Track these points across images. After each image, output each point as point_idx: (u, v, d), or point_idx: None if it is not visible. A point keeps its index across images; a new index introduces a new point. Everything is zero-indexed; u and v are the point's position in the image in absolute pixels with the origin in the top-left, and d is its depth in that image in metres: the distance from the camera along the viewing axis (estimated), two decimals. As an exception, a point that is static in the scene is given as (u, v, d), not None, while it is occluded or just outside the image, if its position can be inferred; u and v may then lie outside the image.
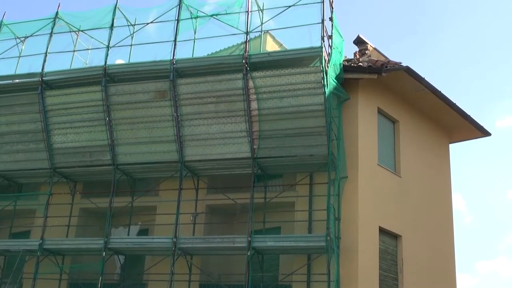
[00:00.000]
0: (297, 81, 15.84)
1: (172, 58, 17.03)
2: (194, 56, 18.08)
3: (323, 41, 15.91)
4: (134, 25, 19.14)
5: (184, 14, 17.97)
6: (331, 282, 14.80)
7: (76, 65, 19.80)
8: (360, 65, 17.34)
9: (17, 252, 18.26)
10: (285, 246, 15.76)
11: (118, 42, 18.41)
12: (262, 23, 17.59)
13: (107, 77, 17.54)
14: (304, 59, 16.31)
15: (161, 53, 17.85)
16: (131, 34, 19.04)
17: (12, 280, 18.49)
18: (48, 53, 18.73)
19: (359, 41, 19.45)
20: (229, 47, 19.46)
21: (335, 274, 14.92)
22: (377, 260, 16.31)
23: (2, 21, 19.88)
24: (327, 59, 16.03)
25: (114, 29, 18.42)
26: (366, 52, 19.07)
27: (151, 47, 18.77)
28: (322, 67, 15.60)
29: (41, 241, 17.70)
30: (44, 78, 18.26)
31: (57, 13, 19.21)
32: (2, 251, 18.90)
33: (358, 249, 15.53)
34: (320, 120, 15.87)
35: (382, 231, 16.76)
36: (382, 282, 16.35)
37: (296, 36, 17.66)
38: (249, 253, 15.39)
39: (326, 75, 15.73)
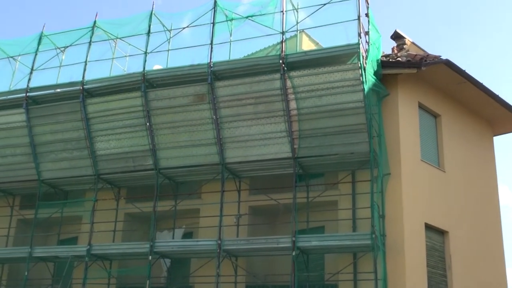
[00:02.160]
0: (335, 79, 15.74)
1: (209, 61, 17.13)
2: (230, 58, 18.11)
3: (360, 38, 15.79)
4: (171, 30, 19.29)
5: (219, 16, 18.03)
6: (378, 281, 14.68)
7: (115, 72, 20.11)
8: (398, 60, 17.12)
9: (66, 258, 18.61)
10: (329, 245, 15.68)
11: (156, 48, 18.59)
12: (297, 22, 17.55)
13: (146, 82, 17.75)
14: (341, 57, 16.20)
15: (198, 57, 18.00)
16: (168, 39, 19.19)
17: (62, 286, 18.86)
18: (88, 61, 19.02)
19: (396, 36, 19.20)
20: (265, 48, 19.50)
21: (382, 272, 14.79)
22: (424, 257, 16.09)
23: (42, 32, 20.25)
24: (364, 56, 15.89)
25: (151, 35, 18.60)
26: (404, 46, 18.81)
27: (187, 51, 18.96)
28: (360, 63, 15.46)
29: (88, 246, 18.01)
30: (85, 86, 18.57)
31: (95, 22, 19.51)
32: (51, 257, 19.28)
33: (404, 246, 15.35)
34: (360, 117, 15.73)
35: (428, 227, 16.52)
36: (430, 279, 16.12)
37: (332, 33, 17.60)
38: (294, 253, 15.37)
39: (365, 72, 15.59)
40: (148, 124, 17.70)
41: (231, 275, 16.93)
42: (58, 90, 19.43)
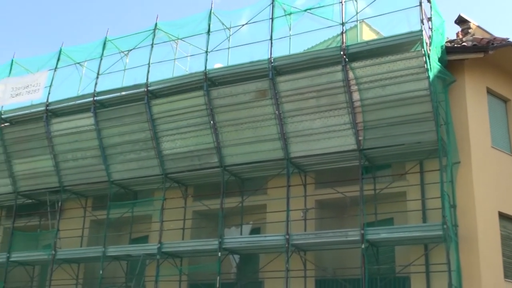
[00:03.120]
0: (398, 68, 15.45)
1: (269, 56, 17.14)
2: (291, 52, 18.08)
3: (423, 24, 15.45)
4: (230, 28, 19.41)
5: (277, 11, 18.01)
6: (451, 272, 14.33)
7: (178, 72, 20.49)
8: (464, 45, 16.63)
9: (138, 256, 19.07)
10: (399, 237, 15.42)
11: (216, 47, 18.76)
12: (357, 12, 17.31)
13: (208, 81, 17.95)
14: (404, 45, 15.88)
15: (258, 53, 18.08)
16: (227, 37, 19.32)
17: (136, 284, 19.35)
18: (151, 63, 19.38)
19: (460, 20, 18.62)
20: (325, 40, 19.34)
21: (455, 264, 14.45)
22: (499, 247, 15.60)
23: (106, 37, 20.77)
24: (428, 42, 15.52)
25: (211, 33, 18.76)
26: (469, 31, 18.23)
27: (247, 48, 19.00)
28: (424, 50, 15.11)
29: (159, 245, 18.38)
30: (149, 88, 18.95)
31: (156, 24, 19.85)
32: (124, 256, 19.79)
33: (477, 236, 14.94)
34: (426, 106, 15.37)
35: (503, 216, 16.00)
36: (506, 269, 15.62)
37: (393, 22, 17.23)
38: (363, 246, 15.20)
39: (429, 59, 15.23)
40: (212, 122, 17.88)
41: (300, 270, 16.92)
42: (124, 93, 19.95)
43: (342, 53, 15.98)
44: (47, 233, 21.40)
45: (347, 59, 15.91)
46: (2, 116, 21.71)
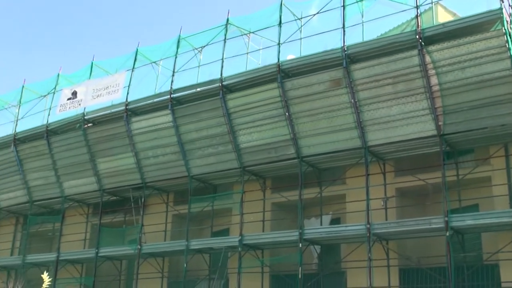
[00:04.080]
0: (478, 49, 14.93)
1: (342, 45, 16.96)
2: (364, 39, 17.82)
3: (502, 2, 14.82)
4: (301, 18, 19.35)
5: (349, -2, 17.77)
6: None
7: (251, 66, 20.61)
8: (547, 21, 15.83)
9: (220, 249, 19.39)
10: (486, 223, 14.93)
11: (288, 38, 18.76)
12: (432, -6, 16.84)
13: (281, 73, 17.98)
14: (483, 25, 15.31)
15: (330, 42, 17.91)
16: (299, 28, 19.26)
17: (219, 276, 19.70)
18: (224, 58, 19.58)
19: (543, -5, 17.74)
20: (399, 25, 18.94)
21: (547, 249, 13.86)
22: None
23: (179, 35, 21.15)
24: (508, 21, 14.91)
25: (282, 25, 18.74)
26: (553, 5, 17.34)
27: (318, 37, 18.87)
28: (505, 29, 14.54)
29: (240, 237, 18.61)
30: (223, 83, 19.17)
31: (227, 19, 20.03)
32: (206, 249, 20.18)
33: None
34: (509, 87, 14.81)
35: None
36: None
37: (470, 1, 16.65)
38: (448, 234, 14.83)
39: (510, 38, 14.62)
40: (287, 113, 17.91)
41: (383, 259, 16.72)
42: (199, 89, 20.26)
43: (417, 37, 15.61)
44: (132, 229, 22.10)
45: (423, 43, 15.52)
46: (85, 117, 22.53)
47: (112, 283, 23.08)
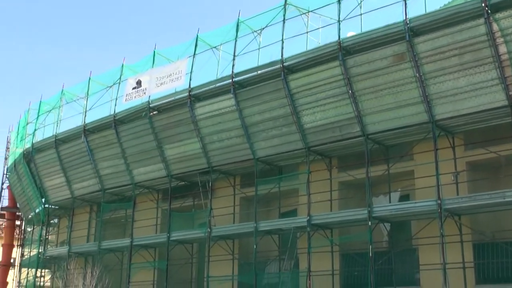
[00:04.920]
0: (549, 13, 14.27)
1: (405, 18, 16.59)
2: (427, 11, 17.34)
3: None
4: (362, -8, 18.98)
5: (410, -31, 17.29)
6: None
7: (311, 45, 20.43)
8: None
9: (289, 230, 19.48)
10: None
11: (348, 14, 18.46)
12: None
13: (343, 50, 17.76)
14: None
15: (392, 16, 17.51)
16: (359, 4, 18.91)
17: (289, 256, 19.84)
18: (284, 39, 19.49)
19: None
20: (463, -6, 18.28)
21: None
22: None
23: (238, 19, 21.17)
24: None
25: (341, 2, 18.46)
26: None
27: (379, 12, 18.45)
28: None
29: (308, 217, 18.64)
30: (284, 64, 19.12)
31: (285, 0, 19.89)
32: (275, 230, 20.32)
33: None
34: None
35: None
36: None
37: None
38: (523, 206, 14.39)
39: None
40: (350, 91, 17.71)
41: (455, 235, 16.39)
42: (260, 71, 20.31)
43: (483, 4, 15.07)
44: (201, 212, 22.52)
45: (489, 11, 14.97)
46: (150, 105, 22.99)
47: (184, 266, 23.65)
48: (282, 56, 19.21)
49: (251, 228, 20.19)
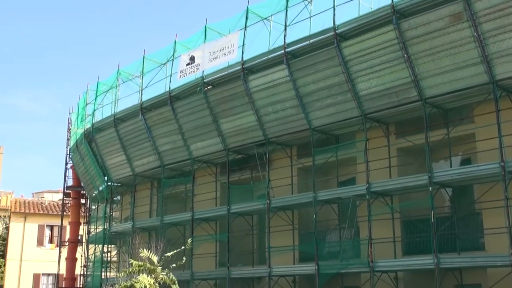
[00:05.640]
0: None
1: (461, -24, 16.02)
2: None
3: None
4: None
5: None
6: None
7: (363, 11, 20.08)
8: None
9: (348, 198, 19.41)
10: None
11: (401, -23, 17.97)
12: None
13: (396, 14, 17.35)
14: None
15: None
16: (411, -36, 18.34)
17: (349, 225, 19.80)
18: (336, 6, 19.17)
19: None
20: None
21: None
22: None
23: (287, -13, 20.93)
24: None
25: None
26: None
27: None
28: None
29: (367, 185, 18.51)
30: (337, 31, 18.85)
31: (335, -35, 19.52)
32: (334, 199, 20.28)
33: None
34: None
35: None
36: None
37: None
38: None
39: None
40: (406, 55, 17.34)
41: (521, 197, 15.95)
42: (313, 40, 20.08)
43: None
44: (260, 184, 22.66)
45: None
46: (205, 80, 23.15)
47: (245, 238, 23.95)
48: (334, 23, 18.93)
49: (310, 198, 20.22)
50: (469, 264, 16.95)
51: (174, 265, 16.80)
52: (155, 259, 16.34)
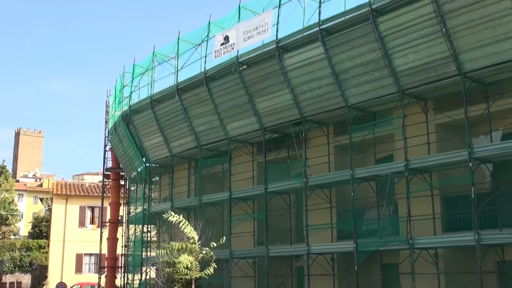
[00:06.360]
0: None
1: None
2: None
3: None
4: None
5: None
6: None
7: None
8: None
9: (386, 175, 19.26)
10: None
11: None
12: None
13: (434, -13, 16.98)
14: None
15: None
16: None
17: (388, 202, 19.67)
18: (371, -19, 18.87)
19: None
20: None
21: None
22: None
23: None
24: None
25: None
26: None
27: None
28: None
29: (405, 162, 18.33)
30: (372, 6, 18.54)
31: None
32: (372, 176, 20.14)
33: None
34: None
35: None
36: None
37: None
38: None
39: None
40: (444, 29, 16.99)
41: None
42: (348, 16, 19.82)
43: None
44: (297, 163, 22.62)
45: None
46: (239, 60, 23.11)
47: (283, 216, 24.04)
48: (369, -2, 18.66)
49: (347, 175, 20.14)
50: (511, 240, 16.68)
51: (214, 243, 16.98)
52: (195, 236, 16.57)
